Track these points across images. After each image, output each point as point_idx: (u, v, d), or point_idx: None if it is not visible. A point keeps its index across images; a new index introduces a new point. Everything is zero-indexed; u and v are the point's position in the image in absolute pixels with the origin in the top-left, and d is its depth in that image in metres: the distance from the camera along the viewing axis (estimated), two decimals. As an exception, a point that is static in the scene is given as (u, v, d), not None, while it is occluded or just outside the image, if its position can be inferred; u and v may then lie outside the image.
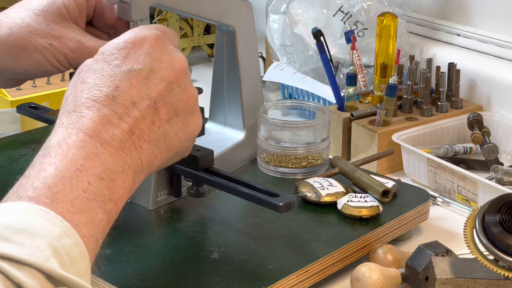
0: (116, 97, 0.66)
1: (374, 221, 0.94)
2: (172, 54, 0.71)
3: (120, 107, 0.66)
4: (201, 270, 0.83)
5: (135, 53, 0.69)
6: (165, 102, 0.69)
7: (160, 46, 0.70)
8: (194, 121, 0.73)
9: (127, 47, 0.69)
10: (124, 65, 0.68)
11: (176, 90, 0.70)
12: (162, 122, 0.68)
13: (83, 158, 0.62)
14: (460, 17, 1.43)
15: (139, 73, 0.68)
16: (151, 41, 0.70)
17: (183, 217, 0.95)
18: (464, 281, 0.77)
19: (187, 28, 1.70)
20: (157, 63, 0.69)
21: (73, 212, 0.59)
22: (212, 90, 1.11)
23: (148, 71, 0.68)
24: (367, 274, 0.84)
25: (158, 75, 0.69)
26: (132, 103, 0.66)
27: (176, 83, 0.70)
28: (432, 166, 1.13)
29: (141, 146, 0.66)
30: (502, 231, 0.74)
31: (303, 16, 1.42)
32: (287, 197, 0.84)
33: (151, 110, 0.67)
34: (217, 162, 0.93)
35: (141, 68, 0.68)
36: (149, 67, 0.68)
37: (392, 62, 1.29)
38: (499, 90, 1.31)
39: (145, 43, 0.69)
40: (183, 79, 0.71)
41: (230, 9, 1.02)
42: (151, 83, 0.68)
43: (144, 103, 0.67)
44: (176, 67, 0.70)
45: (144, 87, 0.67)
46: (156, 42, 0.70)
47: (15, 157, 1.09)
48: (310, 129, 1.07)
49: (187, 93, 0.71)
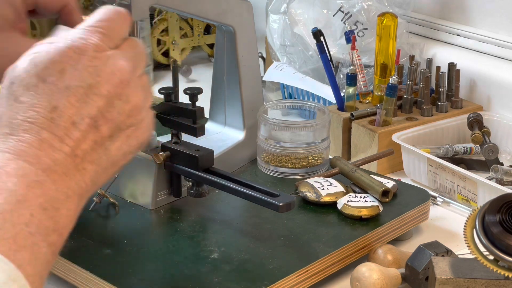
0: (54, 119, 0.61)
1: (374, 221, 0.94)
2: (112, 65, 0.65)
3: (60, 129, 0.61)
4: (201, 270, 0.83)
5: (72, 68, 0.63)
6: (106, 118, 0.64)
7: (98, 58, 0.64)
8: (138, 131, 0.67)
9: (62, 61, 0.63)
10: (61, 82, 0.62)
11: (117, 104, 0.65)
12: (105, 140, 0.64)
13: (25, 187, 0.58)
14: (460, 17, 1.43)
15: (77, 90, 0.63)
16: (88, 52, 0.64)
17: (183, 217, 0.95)
18: (464, 281, 0.77)
19: (187, 28, 1.70)
20: (95, 78, 0.64)
21: (16, 250, 0.55)
22: (212, 90, 1.11)
23: (87, 88, 0.63)
24: (367, 274, 0.84)
25: (97, 91, 0.64)
26: (72, 123, 0.62)
27: (116, 97, 0.65)
28: (432, 166, 1.13)
29: (85, 168, 0.63)
30: (502, 231, 0.74)
31: (303, 16, 1.42)
32: (287, 197, 0.84)
33: (92, 129, 0.63)
34: (217, 162, 0.93)
35: (79, 85, 0.63)
36: (87, 83, 0.63)
37: (392, 62, 1.29)
38: (499, 90, 1.31)
39: (82, 55, 0.64)
40: (123, 91, 0.65)
41: (230, 9, 1.02)
42: (90, 100, 0.63)
43: (84, 122, 0.63)
44: (115, 80, 0.65)
45: (83, 105, 0.63)
46: (94, 54, 0.64)
47: (15, 157, 1.09)
48: (310, 129, 1.07)
49: (128, 104, 0.66)
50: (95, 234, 0.91)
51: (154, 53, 1.67)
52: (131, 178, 0.97)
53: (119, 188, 0.98)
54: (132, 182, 0.97)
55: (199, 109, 0.91)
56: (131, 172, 0.97)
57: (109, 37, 0.66)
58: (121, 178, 0.97)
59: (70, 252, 0.87)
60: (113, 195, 0.97)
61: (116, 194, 0.98)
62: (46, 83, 0.62)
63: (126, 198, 0.98)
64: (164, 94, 0.94)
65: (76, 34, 0.65)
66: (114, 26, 0.67)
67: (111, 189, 0.97)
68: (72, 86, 0.63)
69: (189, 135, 0.93)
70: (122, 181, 0.98)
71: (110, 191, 0.97)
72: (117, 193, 0.98)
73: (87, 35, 0.65)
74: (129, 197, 0.98)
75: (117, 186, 0.98)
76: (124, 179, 0.98)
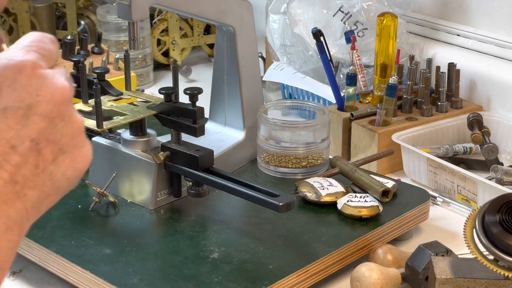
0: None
1: (374, 221, 0.94)
2: (51, 84, 0.61)
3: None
4: (201, 270, 0.83)
5: (9, 88, 0.59)
6: (48, 140, 0.60)
7: (37, 76, 0.60)
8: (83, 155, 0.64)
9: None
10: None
11: (59, 124, 0.61)
12: (47, 164, 0.60)
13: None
14: (460, 17, 1.43)
15: (15, 112, 0.59)
16: (26, 71, 0.60)
17: (183, 217, 0.95)
18: (464, 281, 0.77)
19: (187, 28, 1.70)
20: (35, 98, 0.60)
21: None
22: (212, 90, 1.11)
23: (26, 108, 0.59)
24: (367, 274, 0.84)
25: (37, 112, 0.60)
26: (10, 147, 0.58)
27: (59, 118, 0.61)
28: (432, 166, 1.13)
29: (26, 194, 0.59)
30: (502, 231, 0.74)
31: (303, 16, 1.42)
32: (287, 197, 0.84)
33: (33, 153, 0.59)
34: (217, 162, 0.93)
35: (18, 106, 0.59)
36: (27, 103, 0.59)
37: (392, 62, 1.29)
38: (499, 90, 1.31)
39: (20, 74, 0.60)
40: (66, 111, 0.62)
41: (230, 9, 1.02)
42: (30, 121, 0.59)
43: (25, 145, 0.59)
44: (57, 100, 0.61)
45: (23, 127, 0.59)
46: (33, 72, 0.60)
47: (15, 157, 1.09)
48: (310, 129, 1.07)
49: (72, 125, 0.62)
50: (95, 234, 0.91)
51: (154, 53, 1.67)
52: (131, 178, 0.97)
53: (119, 188, 0.98)
54: (132, 182, 0.97)
55: (199, 109, 0.91)
56: (131, 172, 0.97)
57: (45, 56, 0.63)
58: (121, 178, 0.97)
59: (70, 252, 0.87)
60: (113, 195, 0.97)
61: (116, 194, 0.98)
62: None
63: (126, 198, 0.98)
64: (164, 94, 0.94)
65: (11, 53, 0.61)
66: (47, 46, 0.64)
67: (111, 189, 0.97)
68: (10, 107, 0.59)
69: (189, 135, 0.93)
70: (122, 181, 0.98)
71: (110, 191, 0.97)
72: (117, 193, 0.98)
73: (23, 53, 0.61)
74: (129, 197, 0.98)
75: (117, 186, 0.98)
76: (124, 179, 0.98)
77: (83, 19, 1.70)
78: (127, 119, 0.94)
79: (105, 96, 1.00)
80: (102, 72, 1.02)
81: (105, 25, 1.58)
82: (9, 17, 1.62)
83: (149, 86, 1.61)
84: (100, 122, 0.91)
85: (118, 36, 1.58)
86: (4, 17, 1.61)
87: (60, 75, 0.63)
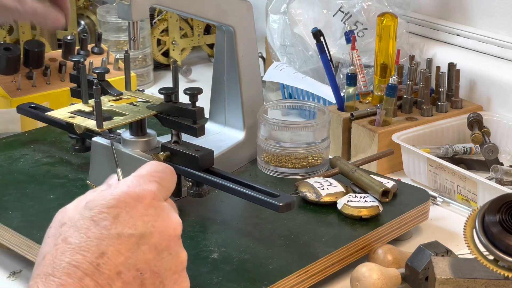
0: (100, 265, 0.59)
1: (374, 221, 0.94)
2: (167, 218, 0.64)
3: (104, 278, 0.59)
4: (201, 270, 0.83)
5: (127, 215, 0.61)
6: (153, 272, 0.62)
7: (154, 207, 0.63)
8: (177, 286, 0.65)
9: (119, 206, 0.61)
10: (114, 227, 0.60)
11: (166, 258, 0.63)
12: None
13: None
14: (460, 17, 1.43)
15: (128, 239, 0.60)
16: (145, 201, 0.62)
17: (183, 217, 0.94)
18: (464, 281, 0.77)
19: (187, 28, 1.70)
20: (149, 228, 0.62)
21: None
22: (212, 90, 1.11)
23: (139, 237, 0.61)
24: (367, 274, 0.84)
25: (149, 242, 0.61)
26: (117, 273, 0.59)
27: (167, 251, 0.63)
28: (432, 166, 1.13)
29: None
30: (502, 231, 0.74)
31: (303, 16, 1.43)
32: (287, 197, 0.84)
33: (137, 282, 0.60)
34: (217, 162, 0.93)
35: (131, 234, 0.61)
36: (141, 232, 0.61)
37: (392, 62, 1.29)
38: (499, 90, 1.31)
39: (138, 203, 0.62)
40: (175, 246, 0.64)
41: (230, 9, 1.02)
42: (140, 251, 0.61)
43: (130, 274, 0.60)
44: (169, 233, 0.63)
45: (133, 255, 0.60)
46: (151, 203, 0.63)
47: (15, 157, 1.09)
48: (310, 129, 1.07)
49: (176, 260, 0.64)
50: (95, 234, 0.91)
51: (154, 53, 1.67)
52: (131, 178, 0.97)
53: (119, 188, 0.98)
54: (132, 182, 0.97)
55: (199, 109, 0.91)
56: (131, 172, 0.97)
57: (164, 187, 0.65)
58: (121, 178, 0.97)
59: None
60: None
61: (116, 194, 0.98)
62: (98, 227, 0.60)
63: (126, 198, 0.98)
64: (164, 94, 0.94)
65: (133, 180, 0.63)
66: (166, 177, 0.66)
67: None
68: (125, 234, 0.60)
69: (189, 135, 0.93)
70: (122, 181, 0.98)
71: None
72: (117, 193, 0.98)
73: (144, 182, 0.63)
74: (129, 197, 0.98)
75: (117, 186, 0.98)
76: (124, 179, 0.98)
77: (83, 19, 1.70)
78: (127, 119, 0.94)
79: (105, 96, 1.00)
80: (102, 72, 1.02)
81: (105, 25, 1.58)
82: (9, 17, 1.61)
83: (149, 86, 1.61)
84: (100, 122, 0.91)
85: (118, 36, 1.58)
86: (4, 17, 1.61)
87: (173, 208, 0.65)
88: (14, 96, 1.31)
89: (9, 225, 0.91)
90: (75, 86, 1.03)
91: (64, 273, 0.58)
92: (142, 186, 0.63)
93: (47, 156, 1.09)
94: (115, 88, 1.02)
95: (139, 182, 0.64)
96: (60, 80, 1.38)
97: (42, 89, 1.35)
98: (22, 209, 0.95)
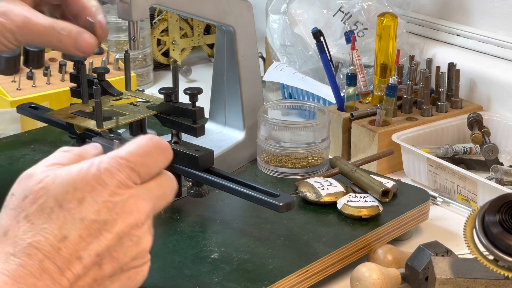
0: (61, 249, 0.59)
1: (374, 221, 0.94)
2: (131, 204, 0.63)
3: (64, 261, 0.59)
4: (201, 270, 0.83)
5: (92, 199, 0.61)
6: (112, 257, 0.61)
7: (120, 194, 0.62)
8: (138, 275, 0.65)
9: (85, 189, 0.60)
10: (78, 212, 0.60)
11: (126, 244, 0.62)
12: (104, 279, 0.62)
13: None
14: (460, 17, 1.43)
15: (91, 225, 0.60)
16: (112, 189, 0.61)
17: (183, 217, 0.95)
18: (464, 281, 0.77)
19: (187, 28, 1.70)
20: (112, 215, 0.61)
21: None
22: (212, 90, 1.11)
23: (101, 223, 0.61)
24: (367, 274, 0.84)
25: (110, 228, 0.61)
26: (77, 257, 0.59)
27: (128, 237, 0.62)
28: (432, 166, 1.13)
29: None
30: (502, 231, 0.74)
31: (303, 16, 1.43)
32: (287, 197, 0.84)
33: (95, 266, 0.60)
34: (217, 162, 0.93)
35: (94, 219, 0.60)
36: (103, 218, 0.61)
37: (392, 62, 1.29)
38: (499, 90, 1.31)
39: (105, 188, 0.61)
40: (136, 232, 0.63)
41: (230, 9, 1.02)
42: (102, 237, 0.61)
43: (90, 259, 0.60)
44: (130, 221, 0.62)
45: (94, 240, 0.60)
46: (117, 191, 0.62)
47: (15, 157, 1.09)
48: (310, 129, 1.07)
49: (138, 246, 0.63)
50: (95, 234, 0.91)
51: (154, 53, 1.67)
52: (131, 178, 0.97)
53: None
54: (132, 182, 0.97)
55: (199, 109, 0.91)
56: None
57: (138, 173, 0.64)
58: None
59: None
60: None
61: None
62: (62, 209, 0.60)
63: (126, 198, 0.98)
64: (164, 94, 0.94)
65: (104, 163, 0.62)
66: (147, 162, 0.64)
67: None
68: (87, 219, 0.60)
69: (189, 135, 0.93)
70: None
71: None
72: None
73: (115, 168, 0.62)
74: (129, 197, 0.98)
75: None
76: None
77: (83, 19, 1.70)
78: (127, 119, 0.94)
79: (105, 96, 1.00)
80: (102, 72, 1.02)
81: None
82: (9, 17, 1.61)
83: (149, 86, 1.61)
84: (100, 122, 0.91)
85: (118, 36, 1.58)
86: (4, 17, 1.61)
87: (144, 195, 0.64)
88: (14, 96, 1.31)
89: (9, 225, 0.91)
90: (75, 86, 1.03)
91: (25, 254, 0.58)
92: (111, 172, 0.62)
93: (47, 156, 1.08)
94: (115, 88, 1.02)
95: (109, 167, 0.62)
96: (60, 80, 1.38)
97: (42, 89, 1.35)
98: (22, 209, 0.94)
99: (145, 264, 0.65)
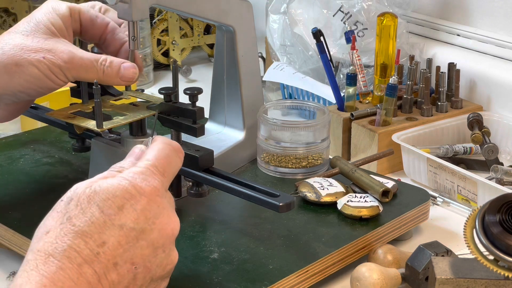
0: (100, 254, 0.61)
1: (374, 221, 0.94)
2: (167, 217, 0.66)
3: (101, 267, 0.60)
4: (201, 270, 0.83)
5: (131, 207, 0.63)
6: (146, 267, 0.64)
7: (157, 204, 0.65)
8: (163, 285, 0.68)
9: (124, 197, 0.63)
10: (117, 218, 0.62)
11: (159, 256, 0.65)
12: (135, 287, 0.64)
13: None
14: (460, 17, 1.43)
15: (129, 232, 0.62)
16: (149, 196, 0.64)
17: (183, 217, 0.95)
18: (464, 281, 0.77)
19: (187, 28, 1.70)
20: (150, 225, 0.64)
21: None
22: (212, 90, 1.11)
23: (139, 232, 0.63)
24: (367, 274, 0.84)
25: (147, 238, 0.63)
26: (114, 264, 0.61)
27: (161, 249, 0.65)
28: (432, 166, 1.13)
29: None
30: (502, 231, 0.74)
31: (303, 16, 1.43)
32: (287, 197, 0.84)
33: (130, 275, 0.62)
34: (217, 162, 0.93)
35: (132, 227, 0.63)
36: (141, 227, 0.63)
37: (392, 62, 1.29)
38: (499, 90, 1.31)
39: (143, 197, 0.64)
40: (170, 244, 0.66)
41: (230, 9, 1.02)
42: (138, 245, 0.63)
43: (126, 266, 0.62)
44: (167, 232, 0.65)
45: (131, 248, 0.62)
46: (154, 199, 0.64)
47: (15, 157, 1.09)
48: (310, 129, 1.07)
49: (168, 259, 0.66)
50: (95, 234, 0.91)
51: (154, 53, 1.67)
52: (131, 178, 0.97)
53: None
54: (132, 182, 0.97)
55: (199, 109, 0.91)
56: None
57: (168, 178, 0.67)
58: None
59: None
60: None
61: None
62: (103, 214, 0.62)
63: (126, 198, 0.98)
64: (164, 94, 0.94)
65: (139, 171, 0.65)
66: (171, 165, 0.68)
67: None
68: (127, 227, 0.62)
69: (189, 135, 0.93)
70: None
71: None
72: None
73: (150, 175, 0.65)
74: (129, 197, 0.98)
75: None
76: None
77: (83, 19, 1.70)
78: (127, 119, 0.94)
79: (105, 96, 1.00)
80: (102, 72, 1.02)
81: (105, 25, 1.57)
82: (9, 17, 1.62)
83: (149, 86, 1.61)
84: (100, 122, 0.91)
85: (118, 36, 1.58)
86: (4, 17, 1.61)
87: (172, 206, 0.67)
88: (14, 96, 1.31)
89: (9, 225, 0.91)
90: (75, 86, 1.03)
91: (64, 256, 0.59)
92: (148, 179, 0.65)
93: (47, 156, 1.09)
94: (115, 88, 1.02)
95: (146, 174, 0.65)
96: (60, 80, 1.38)
97: (42, 89, 1.34)
98: (22, 209, 0.95)
99: (168, 277, 0.68)
